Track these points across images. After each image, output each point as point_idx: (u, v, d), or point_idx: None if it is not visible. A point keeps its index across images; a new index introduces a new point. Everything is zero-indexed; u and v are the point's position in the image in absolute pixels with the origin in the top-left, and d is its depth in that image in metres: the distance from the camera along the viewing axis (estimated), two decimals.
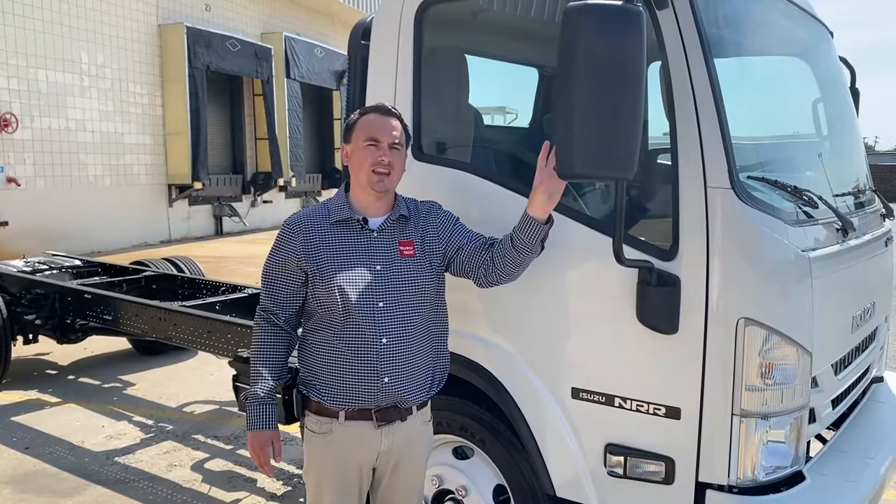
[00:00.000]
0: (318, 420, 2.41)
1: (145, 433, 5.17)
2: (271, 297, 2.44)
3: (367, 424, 2.37)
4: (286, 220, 2.44)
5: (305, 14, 19.60)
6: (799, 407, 2.42)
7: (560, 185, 2.32)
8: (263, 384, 2.41)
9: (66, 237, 11.79)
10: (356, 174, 2.39)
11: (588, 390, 2.55)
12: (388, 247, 2.39)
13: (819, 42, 3.37)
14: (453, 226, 2.52)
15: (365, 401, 2.35)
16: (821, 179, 2.89)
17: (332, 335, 2.35)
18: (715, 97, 2.28)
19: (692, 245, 2.32)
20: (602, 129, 2.07)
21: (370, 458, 2.43)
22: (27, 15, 12.20)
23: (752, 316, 2.28)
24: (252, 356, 2.46)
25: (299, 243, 2.35)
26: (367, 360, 2.32)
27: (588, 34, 2.06)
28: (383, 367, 2.33)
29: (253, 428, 2.41)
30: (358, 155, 2.37)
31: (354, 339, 2.32)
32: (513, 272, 2.44)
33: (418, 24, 2.89)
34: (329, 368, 2.36)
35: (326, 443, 2.40)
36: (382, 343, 2.32)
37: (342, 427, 2.38)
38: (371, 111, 2.43)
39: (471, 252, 2.46)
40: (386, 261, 2.37)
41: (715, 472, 2.37)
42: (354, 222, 2.38)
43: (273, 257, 2.42)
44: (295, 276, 2.39)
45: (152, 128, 14.99)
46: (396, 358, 2.34)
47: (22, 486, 4.32)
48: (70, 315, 5.97)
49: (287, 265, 2.39)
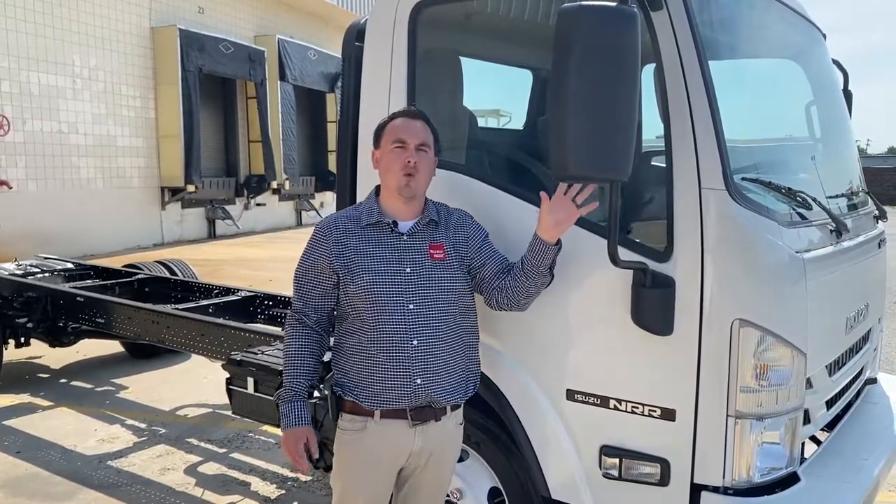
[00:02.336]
0: (353, 419, 2.44)
1: (138, 437, 5.14)
2: (303, 298, 2.49)
3: (402, 423, 2.41)
4: (318, 224, 2.51)
5: (299, 17, 19.58)
6: (794, 408, 2.42)
7: (572, 215, 2.32)
8: (296, 383, 2.47)
9: (58, 240, 11.74)
10: (385, 178, 2.45)
11: (583, 392, 2.55)
12: (418, 250, 2.43)
13: (812, 45, 3.39)
14: (483, 240, 2.54)
15: (399, 401, 2.38)
16: (814, 181, 2.90)
17: (364, 337, 2.40)
18: (709, 99, 2.28)
19: (687, 246, 2.32)
20: (596, 130, 2.07)
21: (402, 456, 2.46)
22: (19, 17, 12.15)
23: (746, 317, 2.29)
24: (284, 356, 2.52)
25: (331, 245, 2.41)
26: (399, 361, 2.36)
27: (583, 35, 2.06)
28: (415, 368, 2.36)
29: (288, 426, 2.46)
30: (387, 158, 2.42)
31: (386, 340, 2.36)
32: (521, 299, 2.45)
33: (412, 26, 2.89)
34: (363, 370, 2.40)
35: (361, 439, 2.43)
36: (413, 345, 2.35)
37: (377, 425, 2.41)
38: (398, 115, 2.49)
39: (494, 271, 2.49)
40: (416, 263, 2.41)
41: (710, 474, 2.37)
42: (384, 226, 2.43)
43: (305, 260, 2.48)
44: (327, 278, 2.43)
45: (145, 130, 14.94)
46: (428, 359, 2.37)
47: (14, 490, 4.29)
48: (62, 318, 5.94)
49: (319, 267, 2.43)
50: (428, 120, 2.49)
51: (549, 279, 2.44)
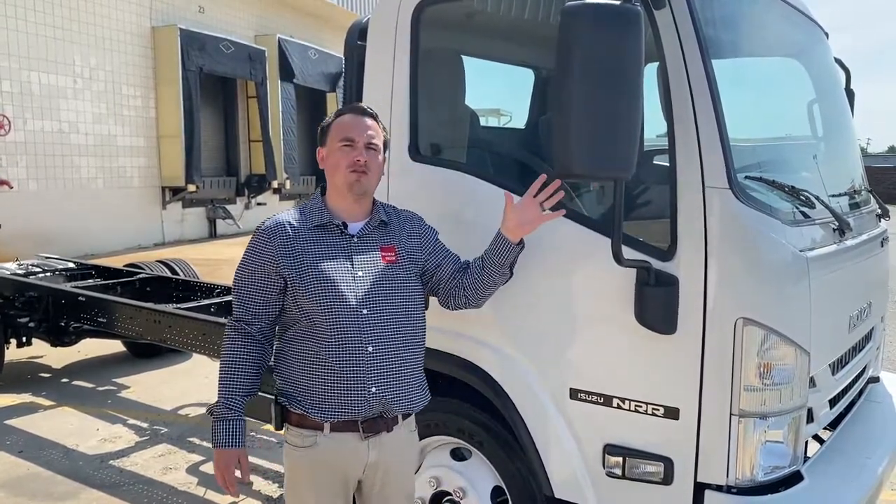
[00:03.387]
0: (301, 433, 2.30)
1: (140, 436, 5.15)
2: (245, 306, 2.32)
3: (354, 436, 2.29)
4: (260, 227, 2.34)
5: (299, 16, 19.56)
6: (797, 407, 2.42)
7: (538, 218, 2.38)
8: (232, 400, 2.29)
9: (58, 240, 11.73)
10: (332, 177, 2.34)
11: (586, 391, 2.55)
12: (369, 252, 2.33)
13: (815, 43, 3.39)
14: (436, 240, 2.52)
15: (351, 412, 2.26)
16: (817, 180, 2.90)
17: (314, 345, 2.26)
18: (713, 97, 2.28)
19: (690, 245, 2.32)
20: (600, 128, 2.07)
21: (357, 470, 2.34)
22: (20, 17, 12.14)
23: (750, 316, 2.28)
24: (222, 369, 2.32)
25: (277, 248, 2.26)
26: (353, 369, 2.23)
27: (586, 34, 2.06)
28: (370, 376, 2.25)
29: (220, 445, 2.28)
30: (333, 157, 2.33)
31: (339, 348, 2.23)
32: (480, 297, 2.48)
33: (415, 25, 2.89)
34: (312, 379, 2.27)
35: (311, 455, 2.30)
36: (368, 351, 2.24)
37: (327, 439, 2.28)
38: (346, 112, 2.37)
39: (451, 271, 2.48)
40: (368, 267, 2.31)
41: (713, 473, 2.36)
42: (333, 227, 2.32)
43: (247, 264, 2.32)
44: (272, 283, 2.28)
45: (146, 130, 14.93)
46: (383, 366, 2.27)
47: (16, 490, 4.29)
48: (64, 318, 5.94)
49: (264, 272, 2.28)
50: (377, 118, 2.39)
51: (509, 277, 2.46)
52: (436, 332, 2.84)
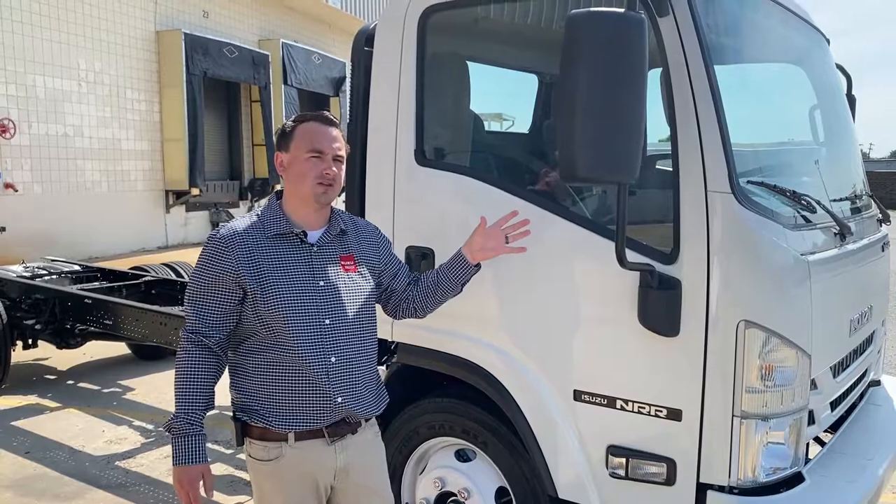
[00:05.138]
0: (266, 446, 2.24)
1: (145, 437, 5.18)
2: (201, 318, 2.22)
3: (320, 442, 2.26)
4: (215, 235, 2.25)
5: (303, 21, 19.63)
6: (798, 408, 2.45)
7: (500, 249, 2.50)
8: (193, 415, 2.18)
9: (63, 243, 11.76)
10: (296, 186, 2.28)
11: (590, 392, 2.58)
12: (329, 262, 2.30)
13: (816, 49, 3.42)
14: (391, 251, 2.56)
15: (316, 421, 2.24)
16: (818, 185, 2.93)
17: (275, 355, 2.21)
18: (715, 102, 2.32)
19: (693, 248, 2.35)
20: (604, 133, 2.11)
21: (327, 477, 2.30)
22: (25, 21, 12.20)
23: (752, 318, 2.31)
24: (178, 383, 2.21)
25: (235, 259, 2.19)
26: (317, 380, 2.20)
27: (591, 40, 2.10)
28: (335, 386, 2.22)
29: (181, 463, 2.17)
30: (299, 166, 2.26)
31: (303, 359, 2.19)
32: (428, 309, 2.56)
33: (421, 31, 2.93)
34: (273, 391, 2.22)
35: (279, 468, 2.24)
36: (331, 361, 2.22)
37: (293, 449, 2.24)
38: (311, 119, 2.30)
39: (405, 282, 2.54)
40: (328, 276, 2.28)
41: (716, 473, 2.39)
42: (293, 236, 2.27)
43: (203, 275, 2.23)
44: (231, 293, 2.21)
45: (150, 134, 14.97)
46: (346, 376, 2.25)
47: (23, 490, 4.33)
48: (70, 320, 5.99)
49: (222, 282, 2.20)
50: (339, 127, 2.36)
51: (459, 292, 2.55)
52: (442, 335, 2.89)
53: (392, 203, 3.01)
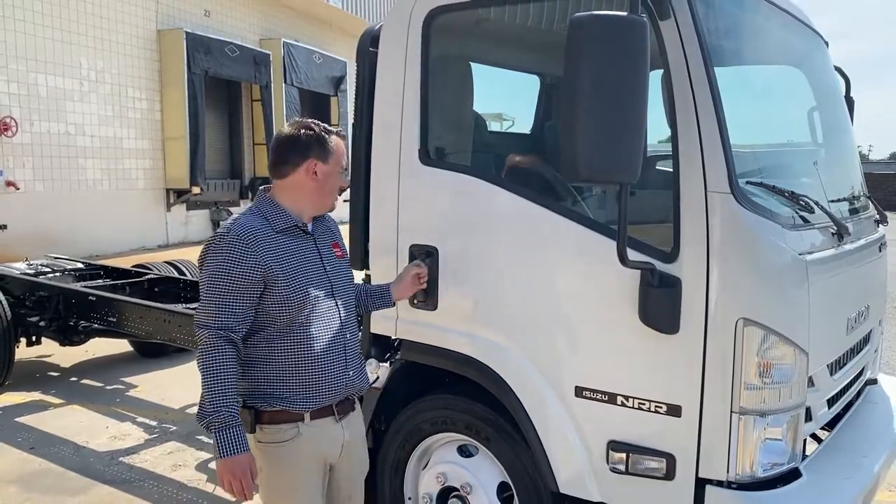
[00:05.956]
0: (280, 428, 2.37)
1: (149, 434, 5.22)
2: (233, 313, 2.30)
3: (330, 420, 2.46)
4: (228, 234, 2.33)
5: (304, 20, 19.65)
6: (796, 405, 2.49)
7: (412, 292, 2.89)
8: (232, 406, 2.27)
9: (64, 241, 11.79)
10: (322, 196, 2.47)
11: (591, 389, 2.62)
12: (326, 249, 2.54)
13: (815, 52, 3.46)
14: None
15: (329, 397, 2.43)
16: (817, 186, 2.97)
17: (293, 340, 2.37)
18: (715, 104, 2.36)
19: (693, 248, 2.39)
20: (606, 134, 2.15)
21: (335, 452, 2.50)
22: (27, 20, 12.22)
23: (750, 316, 2.36)
24: (213, 378, 2.26)
25: (260, 256, 2.30)
26: (337, 356, 2.45)
27: (593, 43, 2.14)
28: (349, 360, 2.49)
29: (229, 454, 2.24)
30: (332, 180, 2.47)
31: (325, 339, 2.41)
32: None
33: (426, 32, 2.96)
34: (293, 376, 2.37)
35: (296, 447, 2.38)
36: (346, 338, 2.50)
37: (309, 427, 2.39)
38: (335, 135, 2.48)
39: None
40: (330, 262, 2.52)
41: (714, 469, 2.43)
42: (297, 229, 2.44)
43: (231, 272, 2.29)
44: (255, 289, 2.32)
45: (151, 132, 15.00)
46: (354, 350, 2.55)
47: (28, 485, 4.37)
48: (74, 317, 6.02)
49: (249, 280, 2.30)
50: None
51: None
52: (446, 332, 2.93)
53: (396, 202, 3.05)
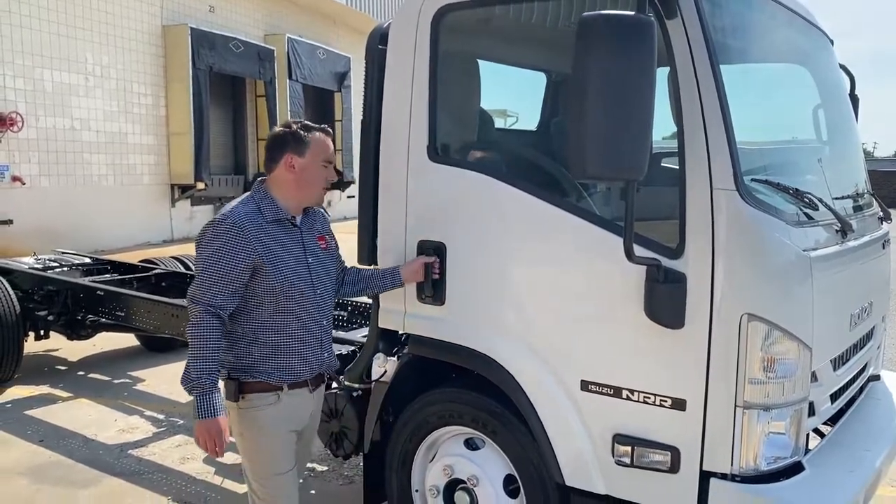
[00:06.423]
0: (262, 395, 2.67)
1: (157, 427, 5.27)
2: (223, 294, 2.55)
3: (305, 390, 2.77)
4: (225, 221, 2.56)
5: (308, 16, 19.67)
6: (799, 399, 2.52)
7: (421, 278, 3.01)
8: (213, 375, 2.55)
9: (69, 236, 11.83)
10: (307, 188, 2.69)
11: (597, 382, 2.65)
12: (311, 241, 2.76)
13: (820, 50, 3.49)
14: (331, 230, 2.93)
15: (304, 373, 2.74)
16: (821, 183, 3.00)
17: (277, 324, 2.65)
18: (721, 102, 2.39)
19: (698, 244, 2.42)
20: (614, 132, 2.18)
21: (305, 419, 2.83)
22: (33, 15, 12.27)
23: (754, 312, 2.39)
24: (199, 348, 2.53)
25: (252, 244, 2.55)
26: (314, 339, 2.73)
27: (601, 42, 2.17)
28: (323, 343, 2.79)
29: (208, 416, 2.52)
30: (315, 173, 2.69)
31: (303, 323, 2.68)
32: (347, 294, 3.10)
33: (435, 30, 2.99)
34: (274, 354, 2.66)
35: (275, 410, 2.68)
36: (323, 324, 2.77)
37: (288, 395, 2.70)
38: (318, 131, 2.71)
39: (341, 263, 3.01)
40: (314, 254, 2.75)
41: (718, 462, 2.47)
42: (286, 221, 2.68)
43: (227, 256, 2.53)
44: (245, 273, 2.57)
45: (156, 128, 15.04)
46: (328, 335, 2.84)
47: (38, 478, 4.42)
48: (82, 311, 6.06)
49: (242, 265, 2.55)
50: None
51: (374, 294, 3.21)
52: (453, 326, 2.97)
53: (405, 198, 3.09)
